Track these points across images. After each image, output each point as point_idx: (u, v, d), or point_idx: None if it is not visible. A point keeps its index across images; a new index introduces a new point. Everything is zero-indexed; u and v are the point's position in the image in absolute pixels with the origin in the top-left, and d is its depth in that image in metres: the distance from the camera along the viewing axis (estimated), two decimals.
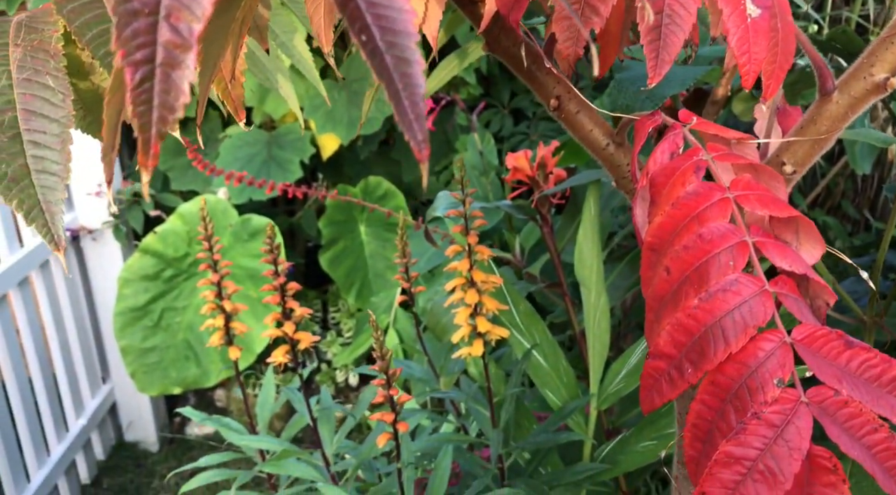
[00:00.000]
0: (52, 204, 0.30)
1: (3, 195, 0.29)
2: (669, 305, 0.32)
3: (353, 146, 2.23)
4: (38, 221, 0.30)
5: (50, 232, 0.30)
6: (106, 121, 0.22)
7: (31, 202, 0.29)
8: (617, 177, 0.41)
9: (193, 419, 1.04)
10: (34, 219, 0.30)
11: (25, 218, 0.30)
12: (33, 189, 0.29)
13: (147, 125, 0.18)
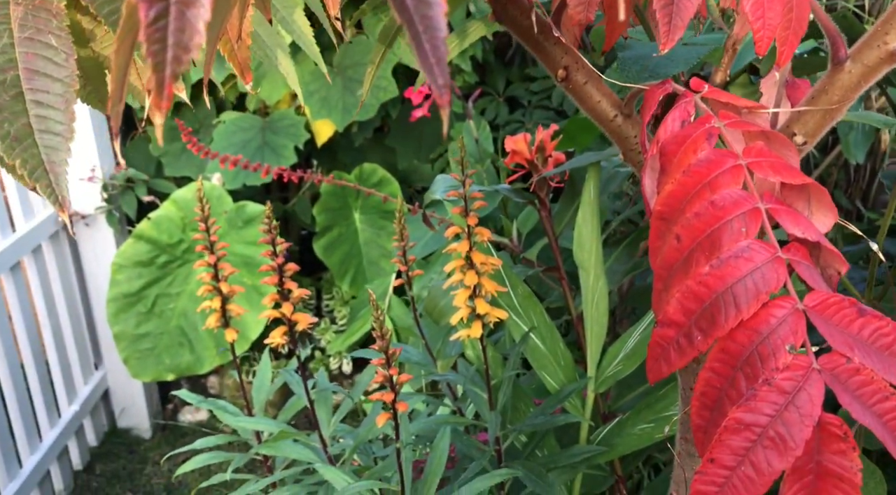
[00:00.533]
0: (57, 164, 0.29)
1: (5, 154, 0.28)
2: (679, 273, 0.32)
3: (347, 133, 2.22)
4: (42, 182, 0.29)
5: (54, 192, 0.29)
6: (114, 67, 0.21)
7: (34, 162, 0.29)
8: (624, 149, 0.41)
9: (190, 402, 1.04)
10: (38, 179, 0.29)
11: (29, 178, 0.29)
12: (37, 149, 0.28)
13: (161, 65, 0.18)
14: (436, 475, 0.79)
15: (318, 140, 2.15)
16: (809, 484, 0.29)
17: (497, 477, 0.78)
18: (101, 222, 2.08)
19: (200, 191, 0.93)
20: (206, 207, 0.94)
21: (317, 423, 0.88)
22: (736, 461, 0.29)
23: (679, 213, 0.33)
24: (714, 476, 0.30)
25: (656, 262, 0.34)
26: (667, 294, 0.33)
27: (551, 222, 1.01)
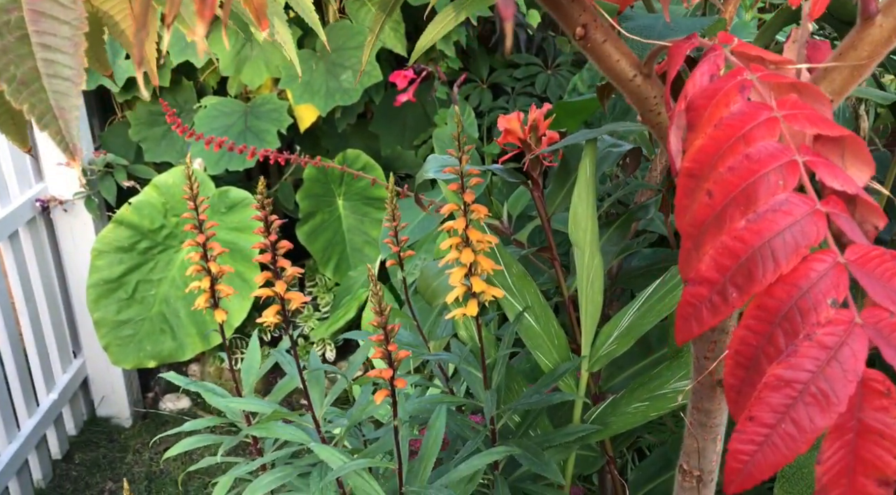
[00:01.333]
0: (66, 110, 0.27)
1: (13, 98, 0.27)
2: (711, 230, 0.31)
3: (330, 118, 2.20)
4: (52, 128, 0.28)
5: (64, 140, 0.28)
6: None
7: (42, 107, 0.27)
8: (643, 110, 0.40)
9: (177, 385, 1.02)
10: (47, 125, 0.27)
11: (38, 123, 0.27)
12: (45, 93, 0.27)
13: None
14: (432, 453, 0.78)
15: (300, 125, 2.13)
16: (850, 441, 0.28)
17: (495, 455, 0.78)
18: (80, 208, 2.05)
19: (189, 168, 0.91)
20: (194, 185, 0.92)
21: (310, 404, 0.87)
22: (776, 418, 0.28)
23: (710, 169, 0.32)
24: (753, 434, 0.29)
25: (685, 221, 0.33)
26: (697, 253, 0.32)
27: (544, 202, 1.00)
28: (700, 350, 0.45)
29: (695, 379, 0.45)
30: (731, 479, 0.30)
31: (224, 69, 2.07)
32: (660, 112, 0.40)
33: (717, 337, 0.44)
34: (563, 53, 2.37)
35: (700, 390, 0.46)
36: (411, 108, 2.29)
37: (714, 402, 0.46)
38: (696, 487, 0.49)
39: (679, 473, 0.50)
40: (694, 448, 0.48)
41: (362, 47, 2.01)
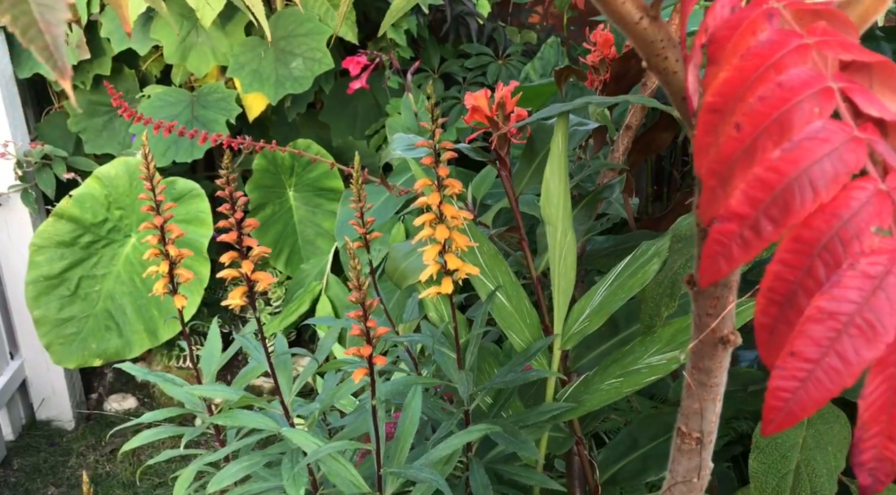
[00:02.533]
0: (53, 25, 0.25)
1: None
2: (741, 164, 0.30)
3: (280, 108, 2.15)
4: (38, 43, 0.25)
5: (52, 57, 0.25)
6: None
7: (26, 19, 0.25)
8: (649, 55, 0.39)
9: (135, 374, 0.98)
10: (32, 40, 0.25)
11: (23, 38, 0.25)
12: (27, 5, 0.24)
13: None
14: (409, 434, 0.76)
15: (249, 115, 2.08)
16: (892, 375, 0.28)
17: (475, 433, 0.76)
18: (16, 202, 1.96)
19: (145, 147, 0.87)
20: (150, 165, 0.88)
21: (278, 389, 0.84)
22: (819, 353, 0.28)
23: (737, 101, 0.31)
24: (795, 370, 0.28)
25: (708, 159, 0.32)
26: (724, 190, 0.31)
27: (511, 181, 0.99)
28: (702, 307, 0.44)
29: (695, 337, 0.45)
30: (770, 418, 0.29)
31: (169, 57, 2.00)
32: (666, 56, 0.39)
33: (721, 292, 0.43)
34: (514, 44, 2.37)
35: (701, 349, 0.45)
36: (362, 97, 2.26)
37: (715, 361, 0.45)
38: (696, 449, 0.48)
39: (677, 436, 0.49)
40: (694, 409, 0.47)
41: (312, 34, 1.98)
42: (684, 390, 0.48)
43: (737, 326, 0.49)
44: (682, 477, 0.49)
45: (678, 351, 0.83)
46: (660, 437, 1.10)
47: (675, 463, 0.50)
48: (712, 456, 1.09)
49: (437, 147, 0.77)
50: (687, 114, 0.40)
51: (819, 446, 0.79)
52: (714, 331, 0.44)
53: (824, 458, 0.78)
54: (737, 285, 0.44)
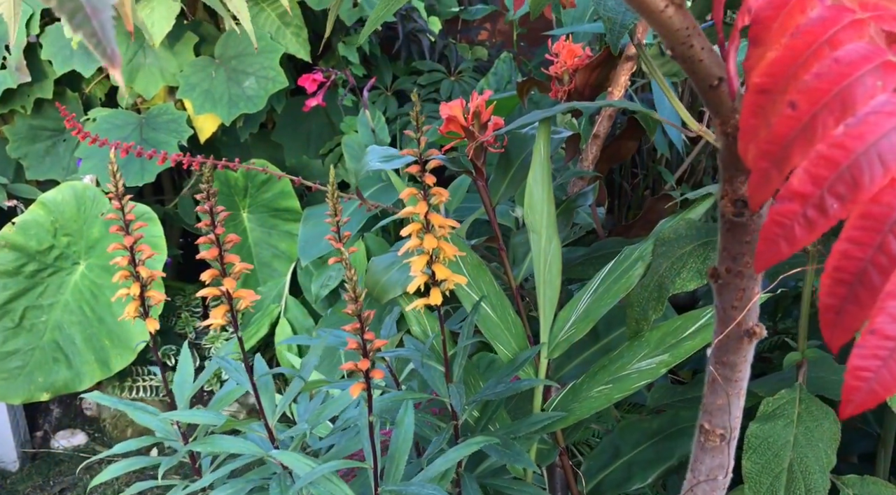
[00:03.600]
0: (100, 11, 0.23)
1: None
2: (799, 142, 0.30)
3: (231, 129, 2.11)
4: (86, 29, 0.23)
5: (101, 44, 0.23)
6: None
7: (72, 4, 0.22)
8: (673, 43, 0.39)
9: (103, 404, 0.93)
10: (80, 26, 0.23)
11: (70, 23, 0.23)
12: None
13: None
14: (403, 451, 0.74)
15: (200, 136, 2.03)
16: None
17: (472, 446, 0.74)
18: None
19: (113, 164, 0.83)
20: (119, 183, 0.84)
21: (261, 411, 0.81)
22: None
23: (789, 80, 0.30)
24: (876, 348, 0.27)
25: (759, 140, 0.32)
26: (779, 170, 0.31)
27: (488, 192, 0.99)
28: (726, 300, 0.43)
29: (719, 331, 0.44)
30: (849, 398, 0.28)
31: (114, 79, 1.95)
32: (692, 44, 0.39)
33: (747, 284, 0.42)
34: (466, 60, 2.38)
35: (726, 343, 0.44)
36: (315, 116, 2.24)
37: (740, 354, 0.45)
38: (720, 446, 0.47)
39: (700, 434, 0.49)
40: (717, 405, 0.47)
41: (264, 53, 1.95)
42: (706, 386, 0.48)
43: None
44: (705, 475, 0.49)
45: (667, 354, 0.83)
46: (642, 444, 1.10)
47: (698, 461, 0.50)
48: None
49: (422, 156, 0.76)
50: (717, 102, 0.40)
51: (810, 443, 0.79)
52: (740, 324, 0.44)
53: (816, 455, 0.79)
54: (761, 277, 0.43)
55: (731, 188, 0.40)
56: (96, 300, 1.85)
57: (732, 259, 0.42)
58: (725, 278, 0.42)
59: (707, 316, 0.81)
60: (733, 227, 0.41)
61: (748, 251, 0.41)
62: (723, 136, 0.40)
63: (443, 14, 2.40)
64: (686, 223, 0.85)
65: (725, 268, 0.42)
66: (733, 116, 0.39)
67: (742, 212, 0.40)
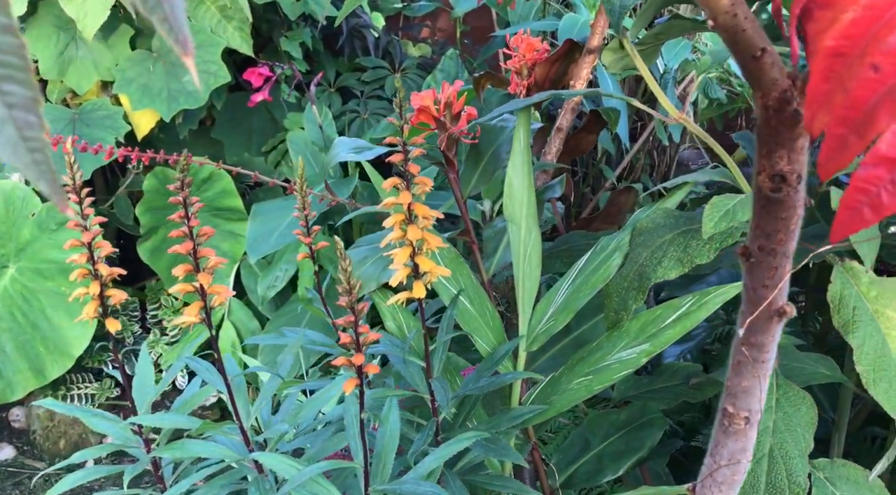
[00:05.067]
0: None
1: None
2: (884, 106, 0.29)
3: (169, 126, 2.03)
4: (158, 14, 0.20)
5: (173, 29, 0.20)
6: None
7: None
8: (717, 13, 0.38)
9: (42, 412, 0.87)
10: (152, 10, 0.20)
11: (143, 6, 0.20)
12: None
13: None
14: (390, 450, 0.71)
15: (138, 133, 1.95)
16: None
17: (463, 442, 0.72)
18: None
19: (70, 155, 0.78)
20: (77, 175, 0.79)
21: (235, 413, 0.77)
22: None
23: (869, 42, 0.30)
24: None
25: (832, 106, 0.31)
26: (859, 136, 0.30)
27: (459, 184, 0.97)
28: (757, 279, 0.43)
29: (749, 310, 0.44)
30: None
31: (45, 72, 1.85)
32: (735, 13, 0.38)
33: (780, 262, 0.42)
34: (409, 56, 2.36)
35: (756, 322, 0.44)
36: (257, 112, 2.18)
37: (768, 335, 0.44)
38: (744, 429, 0.47)
39: (724, 418, 0.48)
40: (742, 387, 0.46)
41: (205, 46, 1.88)
42: (730, 369, 0.47)
43: None
44: (726, 460, 0.48)
45: (647, 343, 0.83)
46: (612, 436, 1.10)
47: (720, 446, 0.49)
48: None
49: (405, 144, 0.73)
50: (758, 73, 0.39)
51: (789, 429, 0.80)
52: (770, 304, 0.43)
53: (795, 440, 0.80)
54: (793, 255, 0.43)
55: (768, 163, 0.39)
56: (29, 305, 1.75)
57: (766, 236, 0.41)
58: (758, 256, 0.42)
59: (687, 304, 0.82)
60: (769, 204, 0.40)
61: (783, 227, 0.41)
62: (762, 109, 0.39)
63: (385, 10, 2.37)
64: (664, 212, 0.85)
65: (758, 245, 0.41)
66: (776, 88, 0.38)
67: (780, 188, 0.40)
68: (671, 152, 2.95)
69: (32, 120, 0.20)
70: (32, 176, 0.21)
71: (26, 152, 0.20)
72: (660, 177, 2.92)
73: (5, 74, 0.19)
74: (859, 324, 0.74)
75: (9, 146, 0.20)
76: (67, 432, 2.07)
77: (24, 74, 0.20)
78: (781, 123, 0.40)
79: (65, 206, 0.22)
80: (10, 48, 0.19)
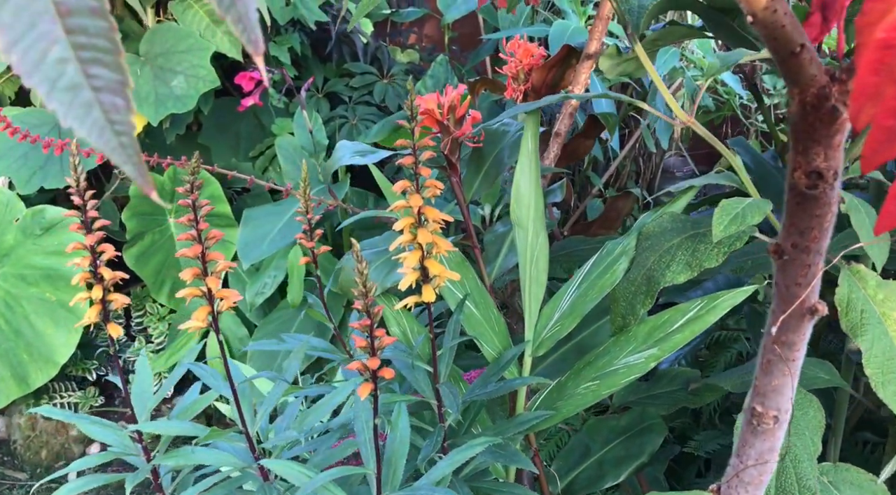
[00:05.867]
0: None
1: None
2: None
3: (156, 131, 2.01)
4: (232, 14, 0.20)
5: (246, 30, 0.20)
6: None
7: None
8: (755, 9, 0.37)
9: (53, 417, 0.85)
10: (227, 10, 0.19)
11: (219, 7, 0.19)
12: None
13: None
14: (401, 455, 0.70)
15: None
16: None
17: (476, 447, 0.72)
18: None
19: (74, 156, 0.76)
20: (80, 176, 0.77)
21: (242, 419, 0.76)
22: None
23: None
24: None
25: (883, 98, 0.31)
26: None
27: (462, 188, 0.96)
28: (790, 277, 0.43)
29: (781, 309, 0.43)
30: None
31: None
32: (776, 9, 0.37)
33: (813, 260, 0.42)
34: (398, 63, 2.36)
35: (788, 321, 0.44)
36: (245, 117, 2.16)
37: (799, 333, 0.44)
38: (773, 428, 0.47)
39: (753, 418, 0.48)
40: (772, 386, 0.46)
41: (193, 51, 1.87)
42: (759, 368, 0.47)
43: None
44: (754, 460, 0.48)
45: (655, 348, 0.83)
46: (612, 442, 1.10)
47: (747, 446, 0.49)
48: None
49: (416, 146, 0.73)
50: (797, 69, 0.39)
51: (797, 432, 0.80)
52: (803, 302, 0.43)
53: (804, 443, 0.80)
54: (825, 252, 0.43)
55: (804, 160, 0.39)
56: (12, 312, 1.72)
57: (800, 233, 0.41)
58: (791, 254, 0.42)
59: (696, 309, 0.82)
60: (804, 201, 0.40)
61: (817, 225, 0.40)
62: (800, 106, 0.39)
63: (373, 16, 2.37)
64: (670, 216, 0.85)
65: (791, 243, 0.41)
66: (813, 84, 0.38)
67: (816, 185, 0.39)
68: (656, 159, 2.97)
69: (120, 103, 0.20)
70: (119, 159, 0.20)
71: (113, 136, 0.20)
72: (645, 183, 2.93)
73: (93, 57, 0.19)
74: (867, 327, 0.74)
75: (96, 129, 0.19)
76: (49, 442, 2.04)
77: (112, 57, 0.19)
78: (819, 120, 0.39)
79: (150, 190, 0.21)
80: (98, 31, 0.19)
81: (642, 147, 2.77)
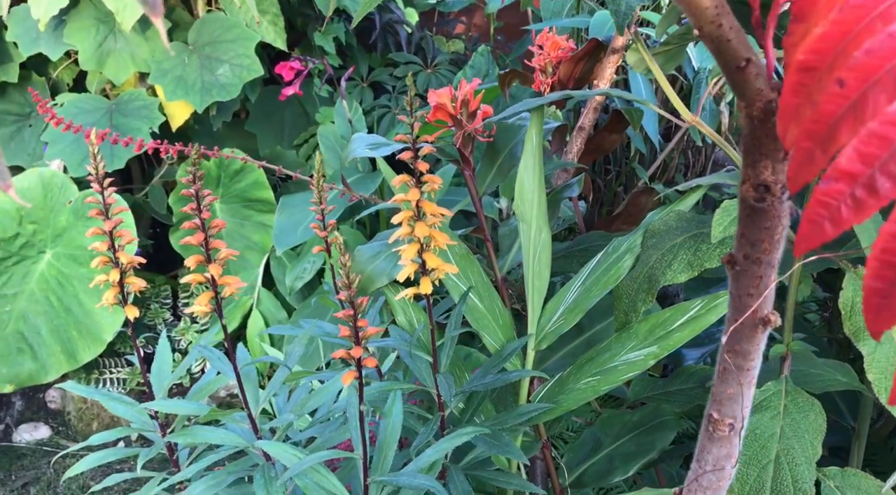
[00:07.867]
0: None
1: None
2: (846, 121, 0.29)
3: (203, 118, 2.07)
4: None
5: None
6: None
7: None
8: (702, 22, 0.38)
9: (75, 395, 0.90)
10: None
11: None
12: None
13: None
14: (392, 441, 0.73)
15: (172, 124, 1.99)
16: None
17: (463, 437, 0.73)
18: None
19: (94, 147, 0.80)
20: (99, 165, 0.81)
21: (245, 401, 0.79)
22: None
23: (837, 57, 0.30)
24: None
25: (801, 120, 0.31)
26: (824, 151, 0.30)
27: (474, 182, 0.97)
28: (743, 287, 0.43)
29: (734, 319, 0.44)
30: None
31: (84, 63, 1.90)
32: (720, 24, 0.38)
33: (764, 271, 0.42)
34: (442, 53, 2.37)
35: (740, 330, 0.44)
36: (290, 106, 2.20)
37: (753, 343, 0.44)
38: (728, 436, 0.47)
39: (709, 423, 0.48)
40: (728, 394, 0.46)
41: (239, 40, 1.91)
42: (717, 375, 0.47)
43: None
44: (711, 465, 0.48)
45: (655, 346, 0.83)
46: (623, 437, 1.10)
47: (705, 451, 0.49)
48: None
49: (415, 141, 0.74)
50: (743, 83, 0.39)
51: (796, 435, 0.79)
52: (755, 312, 0.43)
53: (802, 447, 0.79)
54: (778, 265, 0.43)
55: (753, 172, 0.39)
56: (63, 290, 1.80)
57: (751, 245, 0.41)
58: (743, 265, 0.42)
59: (696, 308, 0.81)
60: (753, 213, 0.40)
61: (767, 237, 0.41)
62: (748, 119, 0.39)
63: (419, 6, 2.38)
64: (676, 215, 0.85)
65: (743, 254, 0.41)
66: (759, 98, 0.38)
67: (764, 198, 0.40)
68: (707, 152, 2.91)
69: None
70: None
71: None
72: (694, 176, 2.89)
73: None
74: None
75: None
76: (100, 414, 2.13)
77: None
78: (765, 134, 0.39)
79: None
80: None
81: (692, 139, 2.73)
